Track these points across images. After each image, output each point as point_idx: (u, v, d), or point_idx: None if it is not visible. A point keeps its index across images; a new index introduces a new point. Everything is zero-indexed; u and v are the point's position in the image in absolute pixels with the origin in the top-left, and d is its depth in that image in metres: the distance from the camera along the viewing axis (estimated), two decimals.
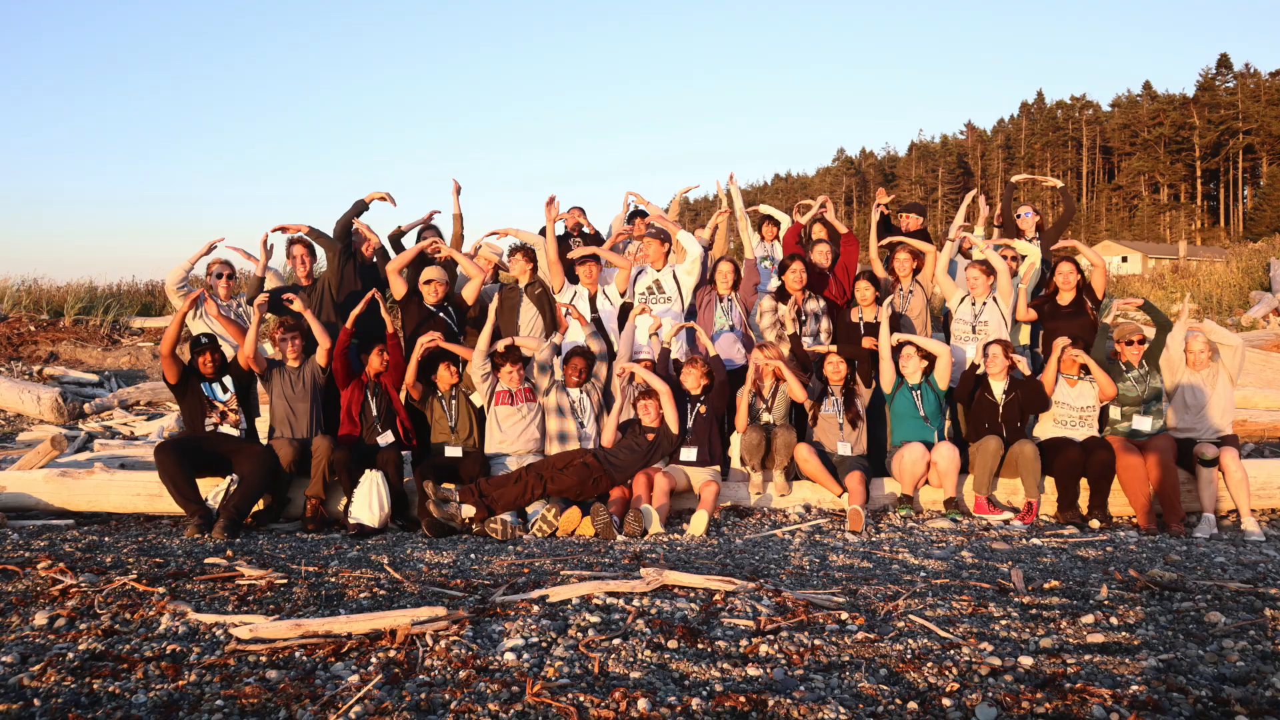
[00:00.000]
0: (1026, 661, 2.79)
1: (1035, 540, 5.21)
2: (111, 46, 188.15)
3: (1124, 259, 58.27)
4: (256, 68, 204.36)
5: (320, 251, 7.21)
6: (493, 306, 6.64)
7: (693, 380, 6.36)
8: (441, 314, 6.84)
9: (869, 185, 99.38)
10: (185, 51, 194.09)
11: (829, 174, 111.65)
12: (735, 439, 6.47)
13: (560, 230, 7.69)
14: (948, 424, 6.48)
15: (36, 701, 2.51)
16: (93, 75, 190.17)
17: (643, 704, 2.45)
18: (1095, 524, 5.80)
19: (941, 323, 7.29)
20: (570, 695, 2.51)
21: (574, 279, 7.20)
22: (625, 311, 6.93)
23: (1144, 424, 6.15)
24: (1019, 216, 7.74)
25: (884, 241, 7.63)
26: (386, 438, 6.21)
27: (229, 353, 6.36)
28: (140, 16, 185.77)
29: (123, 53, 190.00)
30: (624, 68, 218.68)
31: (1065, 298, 6.75)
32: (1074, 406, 6.25)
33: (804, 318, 6.96)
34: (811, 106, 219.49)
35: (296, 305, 6.35)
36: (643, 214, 8.13)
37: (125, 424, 10.44)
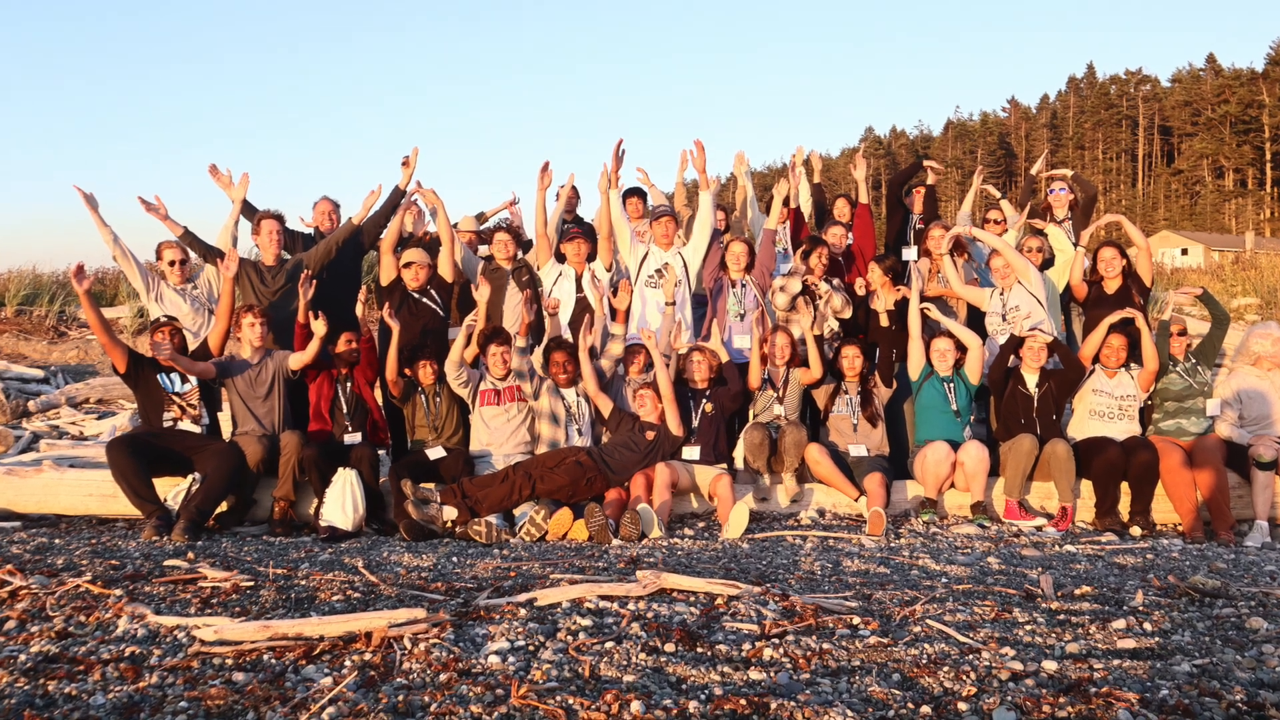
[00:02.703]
0: (1050, 666, 2.89)
1: (1069, 547, 5.31)
2: (51, 27, 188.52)
3: (1184, 251, 58.27)
4: (203, 44, 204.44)
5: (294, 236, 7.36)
6: (475, 330, 6.58)
7: (699, 372, 6.46)
8: (426, 299, 6.96)
9: (899, 167, 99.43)
10: (128, 30, 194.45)
11: (856, 155, 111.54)
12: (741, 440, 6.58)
13: (553, 202, 7.82)
14: (971, 419, 6.58)
15: None
16: (31, 55, 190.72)
17: (636, 707, 2.55)
18: (1136, 531, 5.90)
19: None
20: (559, 698, 2.61)
21: (561, 258, 7.32)
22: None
23: (1191, 422, 6.25)
24: (1050, 193, 7.84)
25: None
26: (354, 438, 6.31)
27: (191, 342, 6.47)
28: None
29: (63, 33, 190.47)
30: (637, 39, 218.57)
31: (1110, 286, 6.86)
32: (1113, 396, 6.35)
33: (818, 300, 7.07)
34: (836, 80, 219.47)
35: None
36: (640, 193, 8.25)
37: (74, 423, 10.57)
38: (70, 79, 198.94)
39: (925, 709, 2.58)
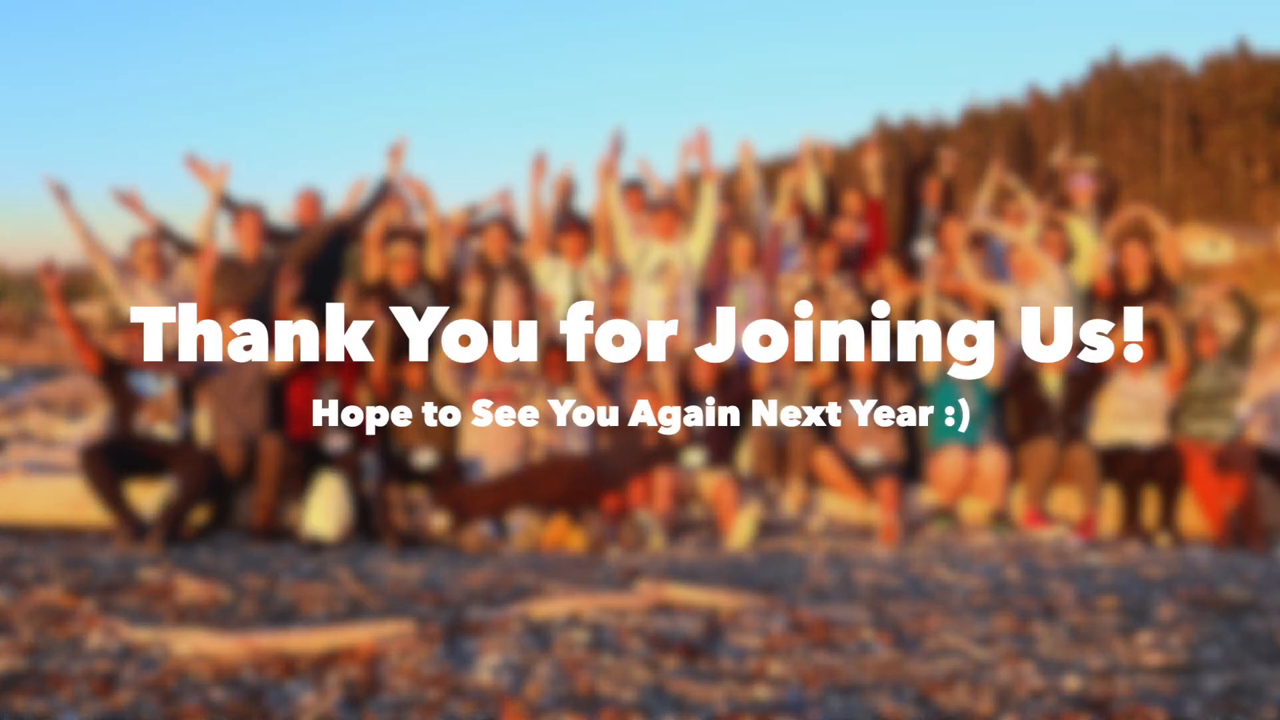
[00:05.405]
0: (1072, 683, 2.91)
1: (1092, 557, 5.33)
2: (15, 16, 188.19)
3: (1212, 245, 58.32)
4: (168, 25, 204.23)
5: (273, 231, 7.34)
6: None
7: (702, 373, 6.46)
8: (413, 295, 6.96)
9: (912, 157, 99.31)
10: (93, 12, 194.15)
11: (867, 144, 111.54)
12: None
13: (548, 194, 7.85)
14: (989, 422, 6.58)
15: None
16: None
17: None
18: (1163, 540, 5.91)
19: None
20: (554, 715, 2.63)
21: (557, 253, 7.33)
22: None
23: (1220, 425, 6.26)
24: (1072, 184, 7.85)
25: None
26: (339, 442, 6.31)
27: (166, 341, 6.47)
28: None
29: (31, 18, 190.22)
30: (636, 21, 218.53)
31: (1135, 282, 6.86)
32: (1138, 397, 6.36)
33: (827, 297, 7.07)
34: (846, 64, 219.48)
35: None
36: (640, 184, 8.27)
37: (43, 426, 10.59)
38: (29, 56, 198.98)
39: None
